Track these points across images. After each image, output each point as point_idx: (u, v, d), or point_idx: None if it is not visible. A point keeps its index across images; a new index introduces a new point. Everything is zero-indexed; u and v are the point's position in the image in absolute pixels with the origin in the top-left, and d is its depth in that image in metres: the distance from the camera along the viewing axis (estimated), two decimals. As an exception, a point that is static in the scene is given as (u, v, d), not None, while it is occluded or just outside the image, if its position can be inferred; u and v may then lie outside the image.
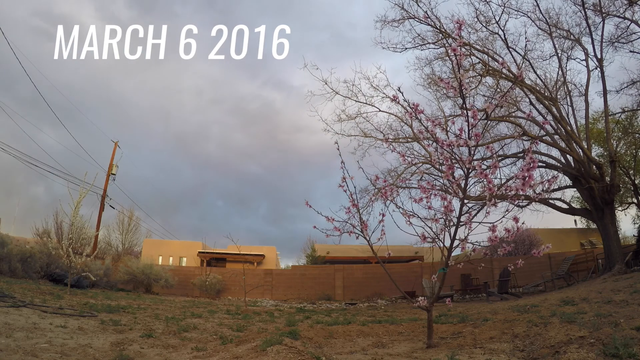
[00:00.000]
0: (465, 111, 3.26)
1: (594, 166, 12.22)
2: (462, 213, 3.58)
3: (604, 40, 12.30)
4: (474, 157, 3.43)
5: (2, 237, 11.72)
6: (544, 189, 3.24)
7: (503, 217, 3.44)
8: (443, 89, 12.34)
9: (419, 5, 11.65)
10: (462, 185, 3.50)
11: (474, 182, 3.69)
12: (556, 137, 12.95)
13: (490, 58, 12.42)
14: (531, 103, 13.04)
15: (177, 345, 4.09)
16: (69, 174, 26.26)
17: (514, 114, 13.48)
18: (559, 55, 12.77)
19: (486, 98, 13.02)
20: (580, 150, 12.29)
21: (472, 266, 4.27)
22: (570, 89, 13.21)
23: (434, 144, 3.49)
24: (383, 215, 4.06)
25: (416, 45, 12.55)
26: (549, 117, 12.57)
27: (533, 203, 11.62)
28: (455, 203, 3.64)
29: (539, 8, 12.49)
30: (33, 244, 14.24)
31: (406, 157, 4.74)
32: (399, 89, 3.40)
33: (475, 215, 3.62)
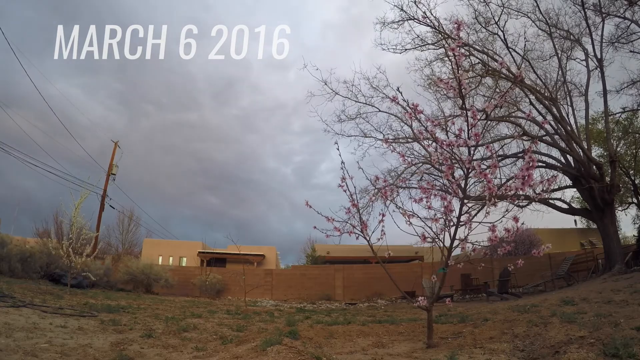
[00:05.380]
0: (464, 111, 3.26)
1: (594, 166, 12.22)
2: (462, 213, 3.59)
3: (604, 41, 12.31)
4: (474, 157, 3.44)
5: (2, 237, 11.71)
6: (544, 188, 3.24)
7: (503, 217, 3.44)
8: (443, 90, 12.34)
9: (417, 7, 11.66)
10: (462, 185, 3.50)
11: (474, 182, 3.69)
12: (556, 137, 12.94)
13: (490, 58, 12.42)
14: (531, 103, 13.03)
15: (177, 345, 4.09)
16: (69, 174, 26.26)
17: (514, 114, 13.47)
18: (559, 55, 12.77)
19: (486, 98, 13.02)
20: (580, 150, 12.29)
21: (472, 266, 4.28)
22: (570, 89, 13.21)
23: (434, 144, 3.49)
24: (383, 215, 4.06)
25: (416, 46, 12.55)
26: (549, 117, 12.57)
27: (533, 203, 11.63)
28: (455, 203, 3.65)
29: (539, 8, 12.50)
30: (33, 244, 14.23)
31: (406, 157, 4.75)
32: (398, 89, 3.40)
33: (475, 215, 3.62)
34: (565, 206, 13.64)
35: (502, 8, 12.17)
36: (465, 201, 3.56)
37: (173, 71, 47.37)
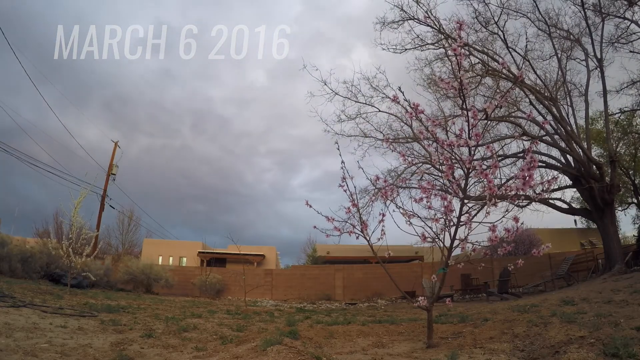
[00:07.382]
0: (465, 111, 3.26)
1: (594, 166, 12.22)
2: (462, 213, 3.59)
3: (603, 41, 12.31)
4: (474, 157, 3.44)
5: (2, 237, 11.72)
6: (544, 189, 3.24)
7: (503, 217, 3.44)
8: (443, 90, 12.33)
9: (419, 5, 11.65)
10: (462, 185, 3.50)
11: (474, 182, 3.69)
12: (556, 137, 12.95)
13: (489, 58, 12.42)
14: (531, 103, 13.03)
15: (177, 345, 4.09)
16: (69, 173, 26.25)
17: (514, 114, 13.48)
18: (559, 55, 12.77)
19: (486, 98, 13.03)
20: (580, 150, 12.29)
21: (472, 266, 4.28)
22: (570, 89, 13.21)
23: (434, 144, 3.49)
24: (383, 215, 4.06)
25: (416, 46, 12.55)
26: (549, 117, 12.57)
27: (533, 203, 11.63)
28: (456, 203, 3.65)
29: (538, 9, 12.50)
30: (33, 244, 14.23)
31: (406, 157, 4.75)
32: (399, 89, 3.40)
33: (475, 215, 3.62)
34: (565, 206, 13.64)
35: (501, 8, 12.18)
36: (466, 201, 3.56)
37: (154, 104, 50.41)
